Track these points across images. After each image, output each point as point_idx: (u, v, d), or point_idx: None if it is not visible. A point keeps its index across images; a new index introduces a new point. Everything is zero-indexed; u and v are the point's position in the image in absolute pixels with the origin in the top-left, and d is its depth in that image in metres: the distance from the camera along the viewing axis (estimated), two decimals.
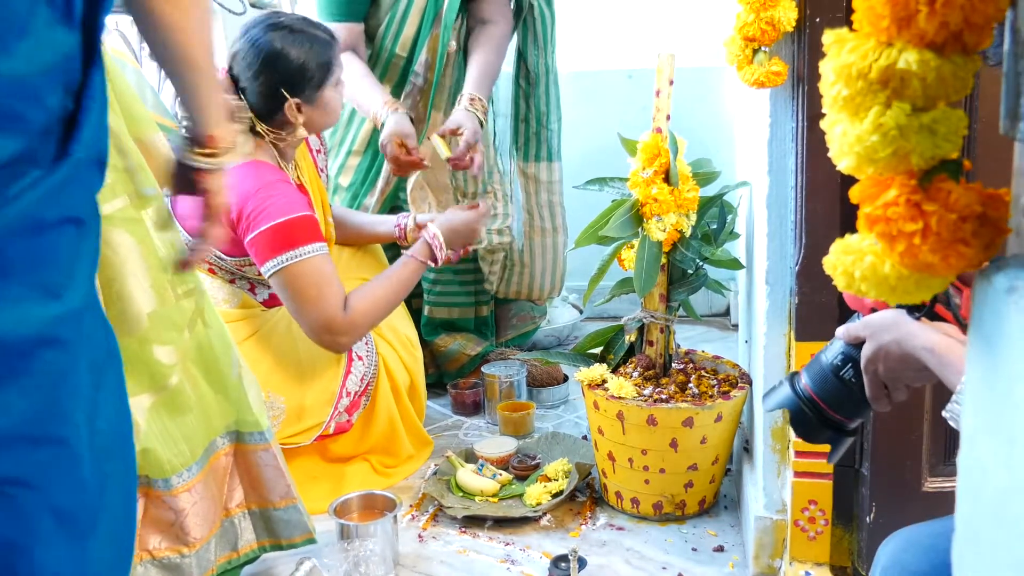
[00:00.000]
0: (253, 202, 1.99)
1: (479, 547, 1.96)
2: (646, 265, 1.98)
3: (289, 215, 1.99)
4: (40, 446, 0.90)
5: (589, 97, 3.41)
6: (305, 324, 2.05)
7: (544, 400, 2.71)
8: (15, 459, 0.88)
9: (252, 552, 1.78)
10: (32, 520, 0.90)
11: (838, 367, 1.11)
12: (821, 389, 1.12)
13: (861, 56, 0.63)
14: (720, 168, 2.11)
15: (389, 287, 2.15)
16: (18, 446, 0.88)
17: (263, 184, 2.00)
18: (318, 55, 2.08)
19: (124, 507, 1.06)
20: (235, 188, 2.01)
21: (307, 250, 2.00)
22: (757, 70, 1.59)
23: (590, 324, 3.21)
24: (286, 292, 2.02)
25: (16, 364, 0.86)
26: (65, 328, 0.90)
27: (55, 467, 0.92)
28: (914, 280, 0.66)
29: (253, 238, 2.00)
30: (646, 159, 1.97)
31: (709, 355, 2.20)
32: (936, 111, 0.63)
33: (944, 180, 0.64)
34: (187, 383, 1.59)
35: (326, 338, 2.06)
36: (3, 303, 0.83)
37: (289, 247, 1.99)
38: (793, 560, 1.70)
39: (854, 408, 1.11)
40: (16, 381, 0.86)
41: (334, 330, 2.04)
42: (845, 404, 1.11)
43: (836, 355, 1.12)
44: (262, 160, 2.07)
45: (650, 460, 1.97)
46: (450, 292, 2.79)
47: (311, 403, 2.14)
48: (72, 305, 0.90)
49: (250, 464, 1.74)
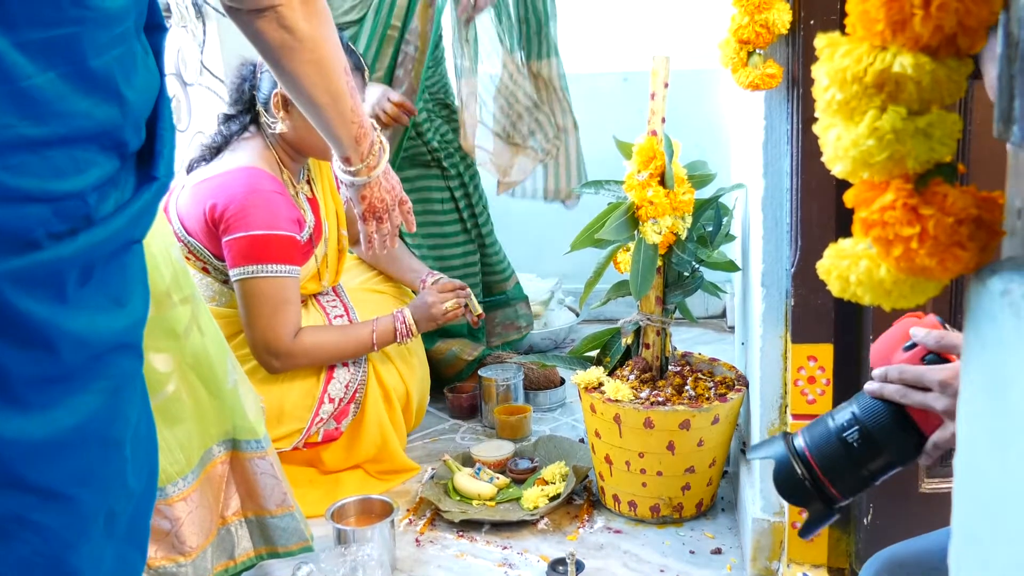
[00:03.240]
0: (236, 206, 2.00)
1: (476, 551, 1.96)
2: (642, 268, 1.98)
3: (268, 230, 2.01)
4: (107, 447, 0.95)
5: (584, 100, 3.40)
6: (250, 337, 2.08)
7: (541, 403, 2.71)
8: (85, 459, 0.92)
9: (249, 560, 1.78)
10: (88, 521, 0.94)
11: (843, 427, 0.99)
12: (820, 452, 1.00)
13: (856, 60, 0.63)
14: (715, 171, 2.11)
15: (341, 341, 2.18)
16: (89, 446, 0.92)
17: (252, 191, 2.01)
18: None
19: (148, 511, 1.10)
20: (224, 188, 2.02)
21: (275, 268, 2.02)
22: (752, 72, 1.59)
23: (586, 327, 3.21)
24: (243, 302, 2.06)
25: (94, 366, 0.90)
26: (132, 335, 0.96)
27: (114, 468, 0.96)
28: (910, 284, 0.66)
29: (228, 241, 2.02)
30: (641, 162, 1.97)
31: (706, 357, 2.20)
32: (931, 115, 0.63)
33: (940, 184, 0.64)
34: (183, 391, 1.59)
35: (263, 356, 2.09)
36: (87, 310, 0.88)
37: (258, 260, 2.01)
38: (791, 562, 1.70)
39: (851, 480, 1.00)
40: (94, 383, 0.91)
41: (272, 351, 2.08)
42: (843, 475, 0.99)
43: (846, 416, 1.00)
44: (261, 168, 2.07)
45: (647, 463, 1.97)
46: None
47: (291, 406, 2.14)
48: (136, 316, 0.97)
49: (246, 472, 1.74)
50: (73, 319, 0.86)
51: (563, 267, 3.26)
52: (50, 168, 0.81)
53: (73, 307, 0.86)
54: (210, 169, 2.09)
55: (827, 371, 1.64)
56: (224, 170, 2.06)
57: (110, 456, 0.96)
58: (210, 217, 2.02)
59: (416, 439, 2.51)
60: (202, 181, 2.07)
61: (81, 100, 0.81)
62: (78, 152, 0.83)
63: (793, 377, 1.65)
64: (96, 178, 0.86)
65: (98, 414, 0.93)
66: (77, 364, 0.88)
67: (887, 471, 1.00)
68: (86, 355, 0.89)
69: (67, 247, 0.83)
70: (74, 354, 0.87)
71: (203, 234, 2.06)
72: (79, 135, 0.83)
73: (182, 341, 1.56)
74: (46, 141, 0.80)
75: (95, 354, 0.90)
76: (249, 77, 2.14)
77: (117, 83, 0.85)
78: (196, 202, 2.06)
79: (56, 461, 0.88)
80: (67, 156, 0.82)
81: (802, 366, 1.65)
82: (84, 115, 0.82)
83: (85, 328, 0.88)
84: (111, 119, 0.85)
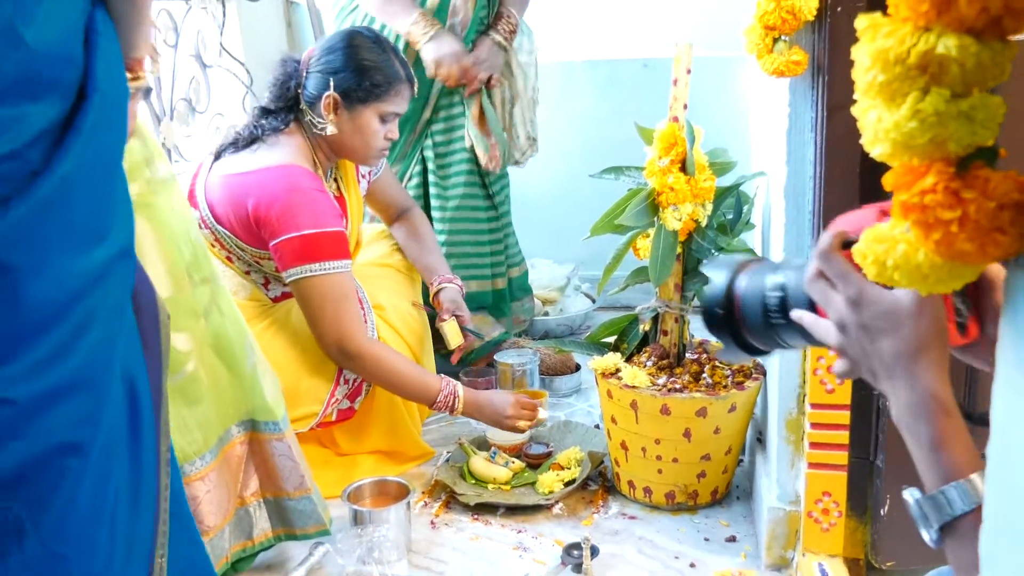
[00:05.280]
0: (280, 206, 1.99)
1: (491, 534, 1.96)
2: (661, 254, 1.98)
3: (320, 228, 2.00)
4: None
5: (605, 86, 3.40)
6: (319, 336, 2.08)
7: (557, 388, 2.71)
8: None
9: (267, 541, 1.79)
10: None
11: (770, 308, 0.94)
12: (745, 303, 0.96)
13: (899, 41, 0.62)
14: (736, 158, 2.10)
15: (408, 372, 2.13)
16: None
17: (295, 190, 2.00)
18: (382, 74, 2.10)
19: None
20: (264, 187, 2.00)
21: (331, 265, 2.02)
22: (777, 59, 1.58)
23: (603, 313, 3.20)
24: (304, 303, 2.05)
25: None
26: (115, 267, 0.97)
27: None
28: (947, 269, 0.65)
29: (279, 243, 2.00)
30: (663, 148, 1.96)
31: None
32: (974, 97, 0.63)
33: (981, 167, 0.63)
34: (202, 371, 1.59)
35: (336, 356, 2.09)
36: (65, 249, 0.88)
37: (312, 259, 2.00)
38: (806, 551, 1.70)
39: (764, 338, 0.96)
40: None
41: (345, 352, 2.07)
42: (758, 331, 0.96)
43: (775, 291, 0.93)
44: (300, 165, 2.07)
45: (663, 449, 1.97)
46: (466, 264, 2.75)
47: (307, 387, 2.14)
48: (114, 249, 0.96)
49: (265, 454, 1.74)
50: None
51: (580, 253, 3.25)
52: None
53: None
54: (244, 162, 2.07)
55: None
56: (261, 166, 2.04)
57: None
58: (254, 216, 2.01)
59: (432, 422, 2.51)
60: (237, 174, 2.06)
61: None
62: (1, 111, 0.79)
63: (812, 366, 1.64)
64: (37, 129, 0.82)
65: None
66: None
67: (799, 342, 0.94)
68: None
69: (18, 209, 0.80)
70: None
71: (240, 228, 2.05)
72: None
73: (202, 321, 1.56)
74: None
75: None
76: (294, 75, 2.14)
77: (13, 25, 0.79)
78: (231, 195, 2.05)
79: None
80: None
81: (821, 355, 1.64)
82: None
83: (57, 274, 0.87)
84: (19, 65, 0.80)
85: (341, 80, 2.07)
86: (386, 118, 2.14)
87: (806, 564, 1.68)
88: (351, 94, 2.08)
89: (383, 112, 2.12)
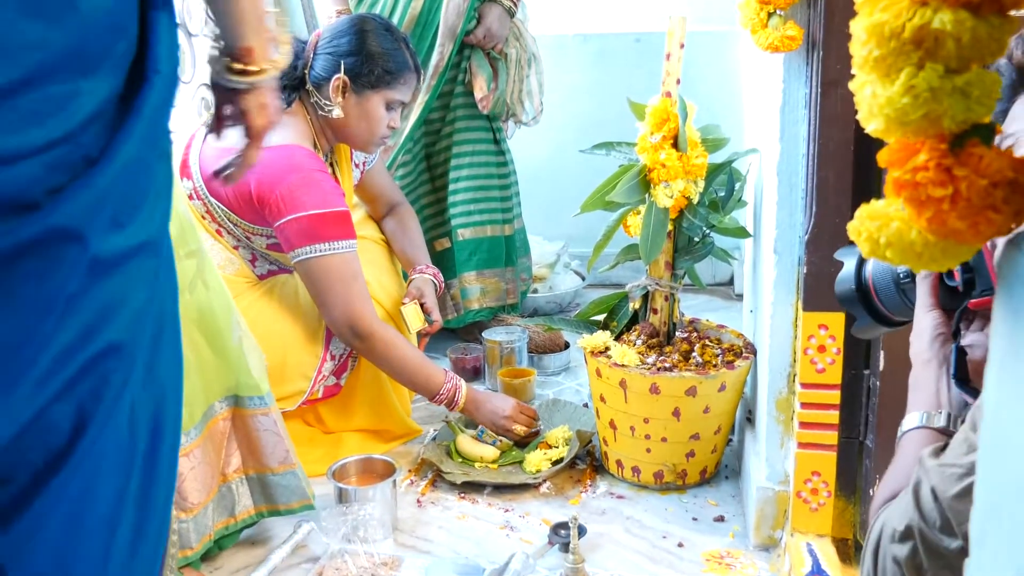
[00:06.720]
0: (285, 187, 1.97)
1: (478, 513, 1.95)
2: (652, 232, 1.96)
3: (326, 208, 1.99)
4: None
5: (596, 60, 3.37)
6: (329, 317, 2.07)
7: (545, 367, 2.70)
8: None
9: (250, 518, 1.78)
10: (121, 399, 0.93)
11: (901, 273, 1.04)
12: (878, 280, 1.06)
13: (895, 15, 0.60)
14: (728, 134, 2.08)
15: (412, 359, 2.11)
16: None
17: (296, 169, 1.99)
18: (393, 62, 2.10)
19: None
20: (265, 166, 1.97)
21: (339, 245, 2.01)
22: (771, 34, 1.55)
23: (593, 291, 3.19)
24: (311, 282, 2.04)
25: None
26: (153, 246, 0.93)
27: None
28: (940, 247, 0.64)
29: (285, 223, 1.98)
30: (655, 124, 1.93)
31: (713, 324, 2.18)
32: (970, 73, 0.61)
33: (976, 145, 0.61)
34: (186, 346, 1.56)
35: (347, 336, 2.08)
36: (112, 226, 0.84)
37: (321, 239, 1.99)
38: (794, 531, 1.70)
39: (903, 309, 1.06)
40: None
41: (356, 332, 2.05)
42: (894, 304, 1.06)
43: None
44: (302, 145, 2.06)
45: (652, 429, 1.96)
46: (475, 210, 2.73)
47: (294, 363, 2.12)
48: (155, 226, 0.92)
49: (249, 429, 1.73)
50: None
51: (570, 230, 3.23)
52: (20, 117, 0.72)
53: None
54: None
55: (838, 340, 1.62)
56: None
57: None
58: (257, 195, 1.98)
59: (420, 400, 2.50)
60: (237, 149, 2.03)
61: (30, 26, 0.71)
62: (52, 88, 0.74)
63: (803, 345, 1.63)
64: (90, 109, 0.77)
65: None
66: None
67: None
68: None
69: (69, 202, 0.76)
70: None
71: (241, 202, 2.03)
72: (42, 69, 0.73)
73: (186, 295, 1.54)
74: (7, 88, 0.71)
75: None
76: (300, 54, 2.13)
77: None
78: None
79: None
80: (39, 97, 0.73)
81: (812, 334, 1.63)
82: (38, 45, 0.72)
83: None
84: (71, 34, 0.75)
85: (351, 64, 2.07)
86: (392, 105, 2.15)
87: (794, 544, 1.67)
88: (360, 79, 2.09)
89: (390, 99, 2.13)
